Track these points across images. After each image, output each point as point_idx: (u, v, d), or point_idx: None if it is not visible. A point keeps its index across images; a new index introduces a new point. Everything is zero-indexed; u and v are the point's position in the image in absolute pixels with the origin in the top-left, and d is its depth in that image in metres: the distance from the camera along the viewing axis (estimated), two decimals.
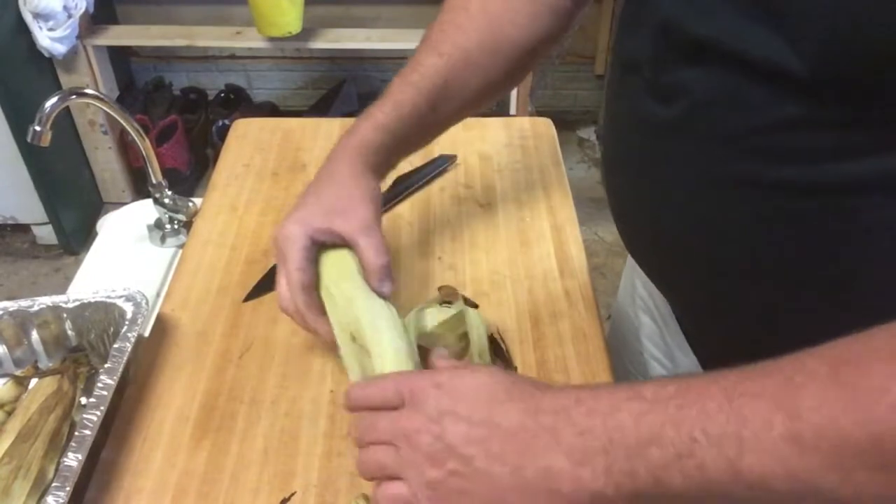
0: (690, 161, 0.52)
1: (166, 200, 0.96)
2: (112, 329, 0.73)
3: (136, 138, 0.90)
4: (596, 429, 0.41)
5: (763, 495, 0.37)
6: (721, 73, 0.47)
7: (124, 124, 0.89)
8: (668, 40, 0.51)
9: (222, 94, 2.40)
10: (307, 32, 2.02)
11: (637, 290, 0.82)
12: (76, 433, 0.60)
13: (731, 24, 0.46)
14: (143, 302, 0.72)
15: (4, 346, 0.74)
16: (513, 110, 2.08)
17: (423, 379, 0.49)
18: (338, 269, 0.63)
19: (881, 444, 0.33)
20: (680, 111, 0.51)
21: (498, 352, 0.71)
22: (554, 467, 0.42)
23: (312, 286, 0.63)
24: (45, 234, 2.09)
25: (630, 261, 0.85)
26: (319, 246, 0.64)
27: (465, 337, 0.68)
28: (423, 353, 0.61)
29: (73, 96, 0.85)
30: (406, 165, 0.91)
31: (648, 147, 0.56)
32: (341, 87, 2.35)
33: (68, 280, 0.98)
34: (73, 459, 0.58)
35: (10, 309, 0.73)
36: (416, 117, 0.66)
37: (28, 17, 1.81)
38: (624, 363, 0.86)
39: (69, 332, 0.75)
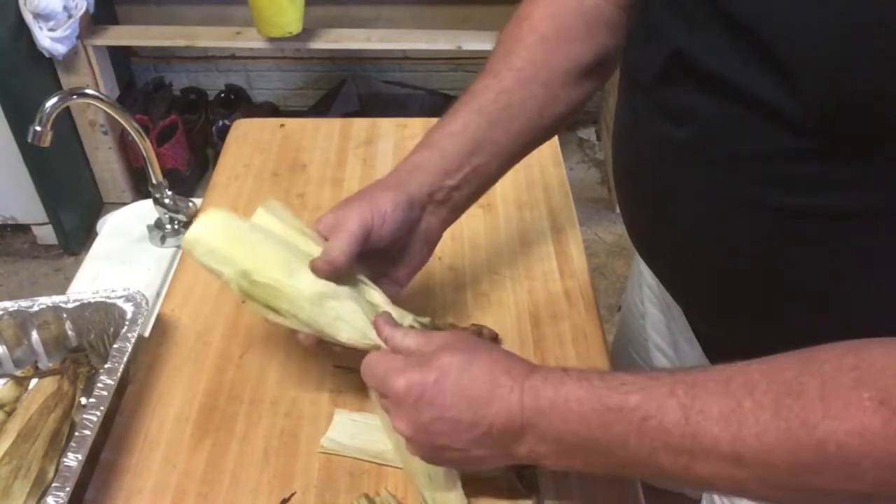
0: (699, 180, 0.53)
1: (166, 200, 0.96)
2: (112, 329, 0.73)
3: (136, 138, 0.90)
4: (570, 434, 0.49)
5: (712, 489, 0.47)
6: (726, 104, 0.49)
7: (124, 124, 0.89)
8: (675, 65, 0.52)
9: (222, 95, 2.40)
10: (307, 33, 2.01)
11: (644, 280, 0.82)
12: (76, 433, 0.60)
13: (737, 66, 0.47)
14: (143, 302, 0.72)
15: (4, 347, 0.74)
16: None
17: (409, 382, 0.51)
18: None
19: (802, 472, 0.41)
20: (688, 134, 0.52)
21: None
22: (540, 452, 0.50)
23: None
24: (45, 234, 2.09)
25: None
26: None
27: None
28: None
29: (74, 96, 0.86)
30: None
31: (661, 164, 0.57)
32: (341, 88, 2.35)
33: (68, 280, 0.98)
34: (73, 459, 0.58)
35: (10, 309, 0.73)
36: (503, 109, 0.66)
37: (28, 18, 1.81)
38: (629, 351, 0.87)
39: (69, 333, 0.75)
